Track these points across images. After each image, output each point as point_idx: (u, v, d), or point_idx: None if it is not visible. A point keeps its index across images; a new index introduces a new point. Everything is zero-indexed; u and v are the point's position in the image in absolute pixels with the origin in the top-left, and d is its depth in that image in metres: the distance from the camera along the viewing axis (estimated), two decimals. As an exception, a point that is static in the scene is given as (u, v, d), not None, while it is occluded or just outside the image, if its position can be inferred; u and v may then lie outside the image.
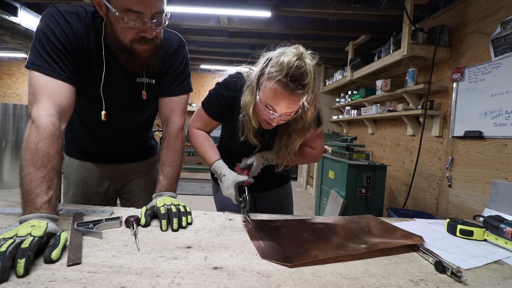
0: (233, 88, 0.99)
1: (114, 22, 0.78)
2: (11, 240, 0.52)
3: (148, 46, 0.83)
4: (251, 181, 0.96)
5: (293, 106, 0.85)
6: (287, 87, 0.81)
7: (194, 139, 1.06)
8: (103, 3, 0.75)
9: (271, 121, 0.90)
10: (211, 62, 5.62)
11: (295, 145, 0.99)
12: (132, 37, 0.79)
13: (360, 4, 2.85)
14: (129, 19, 0.75)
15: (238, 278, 0.53)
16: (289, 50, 0.84)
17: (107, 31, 0.82)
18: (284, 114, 0.87)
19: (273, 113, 0.86)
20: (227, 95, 1.00)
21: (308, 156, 1.13)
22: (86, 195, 1.11)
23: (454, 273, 0.57)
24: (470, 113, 2.33)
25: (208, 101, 1.04)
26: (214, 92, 1.02)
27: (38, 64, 0.76)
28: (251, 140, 0.98)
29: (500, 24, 2.07)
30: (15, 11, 3.20)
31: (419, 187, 2.93)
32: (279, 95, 0.83)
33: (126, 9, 0.73)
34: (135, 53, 0.83)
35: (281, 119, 0.90)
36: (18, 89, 6.55)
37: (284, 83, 0.81)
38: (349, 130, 4.85)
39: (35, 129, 0.71)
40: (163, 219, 0.75)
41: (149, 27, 0.78)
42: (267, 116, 0.89)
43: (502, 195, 1.09)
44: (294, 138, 0.97)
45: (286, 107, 0.85)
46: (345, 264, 0.62)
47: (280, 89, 0.82)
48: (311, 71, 0.83)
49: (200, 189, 4.66)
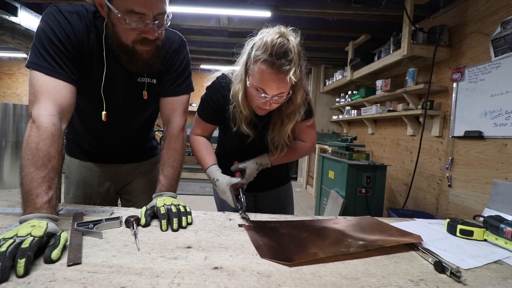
0: (219, 89, 1.03)
1: (116, 23, 0.78)
2: (11, 240, 0.52)
3: (150, 47, 0.83)
4: (244, 182, 0.98)
5: (283, 85, 0.86)
6: (274, 66, 0.83)
7: (193, 145, 1.11)
8: (105, 4, 0.75)
9: (264, 105, 0.91)
10: (211, 62, 5.62)
11: (287, 129, 1.00)
12: (134, 38, 0.79)
13: (360, 4, 2.85)
14: (131, 20, 0.75)
15: (238, 278, 0.53)
16: (271, 30, 0.87)
17: (109, 31, 0.82)
18: (276, 95, 0.88)
19: (265, 95, 0.88)
20: (215, 96, 1.04)
21: (300, 150, 1.14)
22: (87, 195, 1.11)
23: (454, 273, 0.57)
24: (470, 113, 2.33)
25: (200, 107, 1.09)
26: (204, 97, 1.08)
27: (39, 64, 0.76)
28: (244, 130, 0.99)
29: (500, 24, 2.07)
30: (15, 11, 3.20)
31: (419, 187, 2.93)
32: (267, 75, 0.85)
33: (128, 10, 0.73)
34: (136, 54, 0.83)
35: (274, 102, 0.90)
36: (18, 89, 6.55)
37: (271, 62, 0.83)
38: (349, 130, 4.85)
39: (36, 129, 0.71)
40: (163, 219, 0.75)
41: (151, 28, 0.78)
42: (259, 100, 0.90)
43: (502, 195, 1.09)
44: (286, 122, 0.99)
45: (276, 87, 0.86)
46: (345, 264, 0.62)
47: (268, 68, 0.84)
48: (294, 46, 0.84)
49: (200, 189, 4.66)
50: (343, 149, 2.84)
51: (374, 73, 3.58)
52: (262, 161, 1.06)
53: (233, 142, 1.12)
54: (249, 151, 1.10)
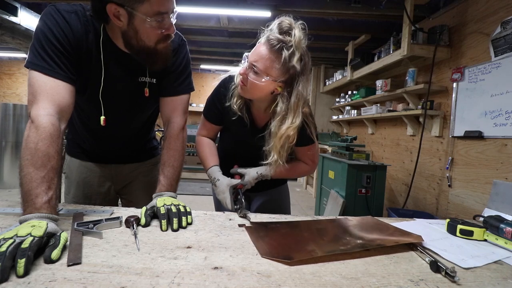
0: (224, 93, 1.04)
1: (140, 29, 0.79)
2: (11, 240, 0.52)
3: (168, 43, 0.86)
4: (245, 183, 0.98)
5: (265, 61, 0.87)
6: (269, 41, 0.87)
7: (197, 146, 1.13)
8: (124, 13, 0.76)
9: (242, 74, 0.92)
10: (211, 62, 5.62)
11: (283, 132, 0.95)
12: (157, 38, 0.82)
13: (360, 4, 2.85)
14: (158, 21, 0.78)
15: (238, 278, 0.53)
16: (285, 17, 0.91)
17: (127, 39, 0.83)
18: (254, 65, 0.89)
19: (244, 62, 0.91)
20: (218, 98, 1.06)
21: (301, 170, 1.13)
22: (87, 195, 1.11)
23: (448, 273, 0.57)
24: (470, 113, 2.33)
25: (206, 108, 1.11)
26: (209, 98, 1.10)
27: (37, 64, 0.76)
28: (233, 106, 1.00)
29: (500, 24, 2.07)
30: (15, 11, 3.20)
31: (419, 187, 2.93)
32: (259, 47, 0.89)
33: (156, 13, 0.76)
34: (157, 53, 0.85)
35: (251, 78, 0.90)
36: (18, 89, 6.55)
37: (267, 38, 0.88)
38: (349, 130, 4.85)
39: (35, 129, 0.71)
40: (163, 219, 0.75)
41: (171, 24, 0.82)
42: (242, 70, 0.92)
43: (502, 195, 1.09)
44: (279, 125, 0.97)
45: (258, 55, 0.88)
46: (345, 264, 0.62)
47: (262, 43, 0.89)
48: (296, 35, 0.87)
49: (200, 189, 4.66)
50: (343, 149, 2.84)
51: (374, 73, 3.58)
52: (263, 172, 1.04)
53: (232, 143, 1.12)
54: (248, 154, 1.10)
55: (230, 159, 1.14)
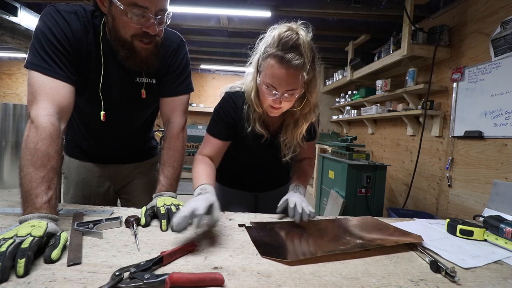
0: (231, 104, 0.98)
1: (117, 17, 0.77)
2: (11, 240, 0.52)
3: (149, 44, 0.83)
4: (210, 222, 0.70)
5: (293, 81, 0.82)
6: (283, 60, 0.79)
7: (193, 166, 0.95)
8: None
9: (275, 102, 0.85)
10: (211, 62, 5.61)
11: (302, 129, 0.96)
12: (134, 32, 0.79)
13: (360, 4, 2.85)
14: (134, 13, 0.75)
15: (238, 278, 0.53)
16: (281, 25, 0.84)
17: (108, 26, 0.81)
18: (287, 92, 0.83)
19: (275, 92, 0.83)
20: (226, 110, 0.98)
21: (311, 167, 1.14)
22: (86, 195, 1.11)
23: (448, 273, 0.57)
24: (470, 113, 2.33)
25: (211, 123, 1.00)
26: (215, 112, 1.01)
27: (37, 64, 0.76)
28: (258, 130, 0.95)
29: (500, 24, 2.07)
30: (15, 11, 3.20)
31: (419, 187, 2.93)
32: (276, 70, 0.80)
33: (131, 3, 0.73)
34: (134, 51, 0.83)
35: (285, 100, 0.85)
36: (18, 89, 6.54)
37: (280, 57, 0.79)
38: (349, 130, 4.85)
39: (34, 129, 0.71)
40: (163, 219, 0.75)
41: (152, 23, 0.78)
42: (270, 98, 0.85)
43: (502, 195, 1.09)
44: (301, 123, 0.95)
45: (286, 82, 0.81)
46: (345, 264, 0.62)
47: (277, 64, 0.80)
48: (304, 41, 0.80)
49: (200, 189, 4.64)
50: (343, 149, 2.84)
51: (374, 73, 3.58)
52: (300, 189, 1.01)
53: (244, 151, 1.09)
54: (260, 161, 1.10)
55: (237, 166, 1.14)
